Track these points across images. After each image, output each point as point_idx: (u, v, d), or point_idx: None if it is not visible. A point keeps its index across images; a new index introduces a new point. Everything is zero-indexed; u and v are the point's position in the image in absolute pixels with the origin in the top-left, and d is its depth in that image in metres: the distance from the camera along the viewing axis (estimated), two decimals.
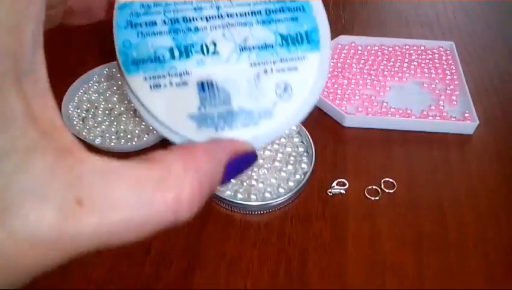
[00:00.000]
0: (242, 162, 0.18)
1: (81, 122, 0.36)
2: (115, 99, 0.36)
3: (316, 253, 0.30)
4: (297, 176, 0.33)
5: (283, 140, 0.34)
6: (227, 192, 0.32)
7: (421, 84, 0.41)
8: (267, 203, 0.31)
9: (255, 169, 0.32)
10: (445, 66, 0.42)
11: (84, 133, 0.35)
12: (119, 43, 0.20)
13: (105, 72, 0.40)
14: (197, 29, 0.20)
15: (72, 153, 0.13)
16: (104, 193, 0.13)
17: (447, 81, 0.40)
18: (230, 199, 0.31)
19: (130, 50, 0.20)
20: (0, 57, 0.10)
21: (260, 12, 0.21)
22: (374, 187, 0.33)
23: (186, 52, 0.20)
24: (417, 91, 0.40)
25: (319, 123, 0.38)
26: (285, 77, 0.20)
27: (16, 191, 0.11)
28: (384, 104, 0.38)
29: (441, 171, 0.35)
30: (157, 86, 0.19)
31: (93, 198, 0.12)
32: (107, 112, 0.37)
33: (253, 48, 0.20)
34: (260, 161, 0.32)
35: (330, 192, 0.33)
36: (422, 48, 0.43)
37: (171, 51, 0.20)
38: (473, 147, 0.37)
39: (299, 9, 0.21)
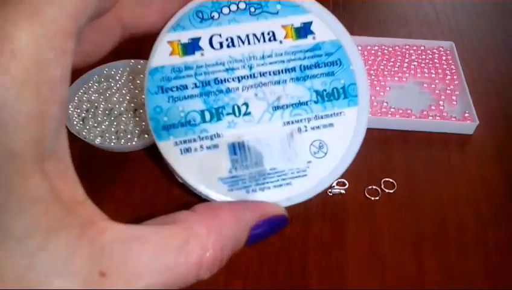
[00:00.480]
0: (271, 225, 0.18)
1: (81, 122, 0.36)
2: (114, 99, 0.36)
3: (316, 253, 0.30)
4: None
5: None
6: None
7: (421, 84, 0.41)
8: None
9: None
10: (445, 66, 0.42)
11: (84, 133, 0.35)
12: (150, 109, 0.20)
13: (105, 72, 0.40)
14: (228, 90, 0.19)
15: (94, 225, 0.13)
16: (126, 261, 0.13)
17: (447, 81, 0.40)
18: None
19: (160, 115, 0.20)
20: (23, 142, 0.10)
21: (294, 69, 0.20)
22: (374, 187, 0.33)
23: (217, 114, 0.19)
24: (417, 91, 0.40)
25: None
26: (321, 134, 0.20)
27: (39, 270, 0.11)
28: (384, 104, 0.38)
29: (441, 171, 0.35)
30: (188, 150, 0.20)
31: (116, 268, 0.13)
32: (107, 112, 0.37)
33: (287, 106, 0.19)
34: None
35: (330, 192, 0.33)
36: (422, 48, 0.43)
37: (202, 114, 0.19)
38: (473, 147, 0.37)
39: (336, 63, 0.20)
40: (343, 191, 0.33)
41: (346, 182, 0.33)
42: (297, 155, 0.19)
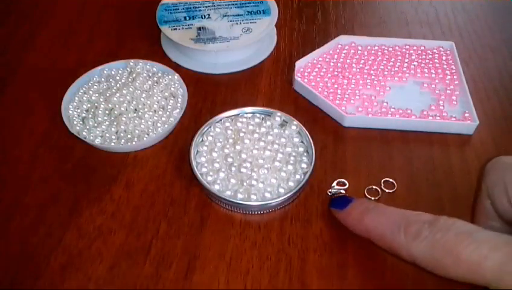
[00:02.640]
0: None
1: (81, 122, 0.36)
2: (115, 99, 0.36)
3: (316, 253, 0.30)
4: (297, 176, 0.32)
5: (283, 140, 0.34)
6: (227, 192, 0.32)
7: (421, 84, 0.41)
8: (267, 203, 0.31)
9: (255, 169, 0.32)
10: (445, 66, 0.42)
11: (84, 133, 0.35)
12: (159, 16, 0.45)
13: (105, 72, 0.40)
14: (200, 10, 0.44)
15: None
16: None
17: (447, 81, 0.40)
18: (231, 199, 0.31)
19: (164, 18, 0.44)
20: None
21: (237, 3, 0.45)
22: (374, 187, 0.33)
23: (193, 17, 0.43)
24: (417, 91, 0.40)
25: (319, 123, 0.38)
26: (248, 25, 0.43)
27: None
28: (384, 104, 0.38)
29: (441, 171, 0.35)
30: (175, 29, 0.42)
31: None
32: (107, 112, 0.37)
33: (231, 15, 0.44)
34: (260, 161, 0.33)
35: (330, 192, 0.33)
36: (422, 48, 0.43)
37: (184, 17, 0.43)
38: (473, 147, 0.37)
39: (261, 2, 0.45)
40: (343, 191, 0.33)
41: (346, 182, 0.33)
42: (235, 33, 0.42)
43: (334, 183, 0.33)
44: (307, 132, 0.35)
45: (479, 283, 0.22)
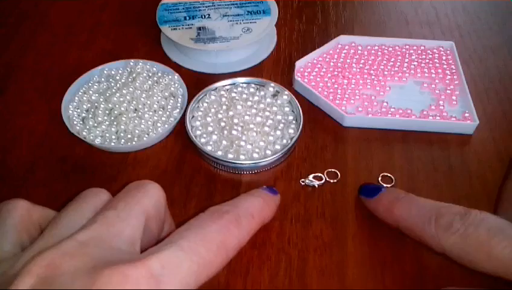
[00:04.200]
0: None
1: (81, 122, 0.36)
2: (115, 99, 0.36)
3: (316, 253, 0.30)
4: (284, 141, 0.35)
5: (274, 108, 0.37)
6: (218, 152, 0.34)
7: (421, 84, 0.41)
8: (256, 163, 0.33)
9: (245, 132, 0.35)
10: (445, 66, 0.42)
11: (84, 133, 0.35)
12: (160, 17, 0.44)
13: (105, 72, 0.40)
14: (200, 10, 0.44)
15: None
16: None
17: (447, 81, 0.40)
18: (222, 158, 0.33)
19: (163, 19, 0.43)
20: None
21: (237, 4, 0.45)
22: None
23: (193, 17, 0.44)
24: (417, 91, 0.40)
25: (319, 123, 0.38)
26: (248, 25, 0.42)
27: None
28: (384, 104, 0.38)
29: (441, 171, 0.35)
30: (175, 29, 0.42)
31: None
32: (107, 112, 0.37)
33: (231, 15, 0.44)
34: (251, 126, 0.35)
35: (303, 181, 0.34)
36: (422, 48, 0.43)
37: (184, 17, 0.43)
38: (473, 147, 0.37)
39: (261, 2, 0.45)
40: (316, 185, 0.33)
41: (322, 176, 0.34)
42: (235, 33, 0.42)
43: (311, 176, 0.34)
44: (297, 103, 0.37)
45: (511, 279, 0.22)
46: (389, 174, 0.34)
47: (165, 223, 0.23)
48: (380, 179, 0.34)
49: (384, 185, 0.33)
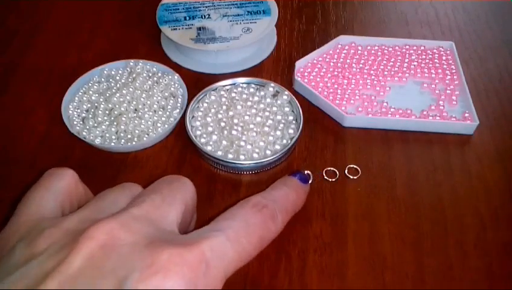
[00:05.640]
0: None
1: (81, 122, 0.36)
2: (115, 99, 0.36)
3: (316, 253, 0.30)
4: (284, 141, 0.35)
5: (274, 108, 0.37)
6: (218, 152, 0.34)
7: (421, 84, 0.41)
8: (256, 163, 0.33)
9: (245, 132, 0.35)
10: (445, 66, 0.42)
11: (84, 133, 0.35)
12: (160, 17, 0.44)
13: (105, 72, 0.40)
14: (200, 10, 0.44)
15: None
16: None
17: (447, 81, 0.40)
18: (222, 158, 0.33)
19: (163, 19, 0.44)
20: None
21: (237, 4, 0.45)
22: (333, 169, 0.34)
23: (193, 17, 0.43)
24: (417, 91, 0.40)
25: (319, 123, 0.38)
26: (248, 25, 0.43)
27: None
28: (384, 104, 0.38)
29: (441, 171, 0.35)
30: (175, 29, 0.42)
31: None
32: (107, 112, 0.37)
33: (231, 15, 0.44)
34: (251, 126, 0.35)
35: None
36: (422, 48, 0.43)
37: (185, 17, 0.43)
38: (473, 147, 0.37)
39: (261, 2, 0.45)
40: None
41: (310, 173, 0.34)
42: (235, 34, 0.42)
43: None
44: (297, 103, 0.37)
45: None
46: (355, 166, 0.35)
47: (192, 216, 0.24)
48: (346, 171, 0.34)
49: (351, 176, 0.34)
